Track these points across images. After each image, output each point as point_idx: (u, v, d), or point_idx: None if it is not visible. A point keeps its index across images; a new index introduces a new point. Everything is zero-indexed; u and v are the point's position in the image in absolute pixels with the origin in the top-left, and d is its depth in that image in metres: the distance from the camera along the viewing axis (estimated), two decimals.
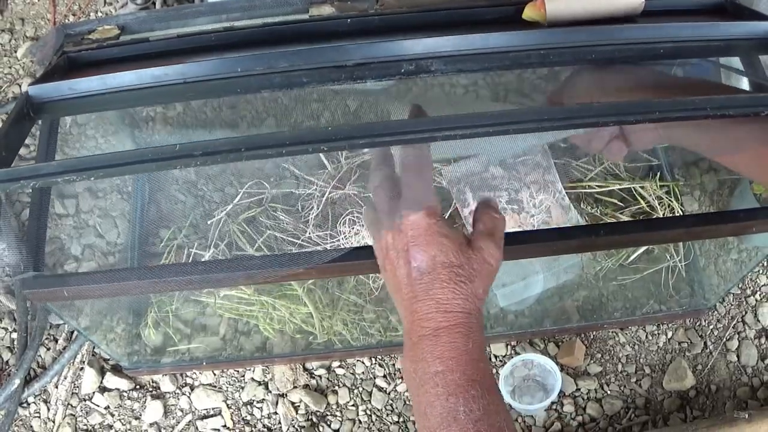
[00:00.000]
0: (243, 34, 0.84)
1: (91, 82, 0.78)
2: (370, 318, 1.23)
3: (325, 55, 0.76)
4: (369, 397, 1.23)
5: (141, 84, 0.77)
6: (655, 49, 0.78)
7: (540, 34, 0.78)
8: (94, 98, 0.78)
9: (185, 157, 0.63)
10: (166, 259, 1.27)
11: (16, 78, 1.55)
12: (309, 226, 1.23)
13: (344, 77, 0.76)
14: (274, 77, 0.76)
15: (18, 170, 0.66)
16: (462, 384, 0.60)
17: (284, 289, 1.21)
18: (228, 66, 0.77)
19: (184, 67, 0.77)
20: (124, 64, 0.83)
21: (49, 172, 0.65)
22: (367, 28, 0.83)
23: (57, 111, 0.79)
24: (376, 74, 0.76)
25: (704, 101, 0.65)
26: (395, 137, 0.64)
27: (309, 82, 0.77)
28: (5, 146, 0.71)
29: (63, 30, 0.90)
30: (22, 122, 0.76)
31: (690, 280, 1.27)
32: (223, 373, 1.25)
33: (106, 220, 1.34)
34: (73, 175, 0.65)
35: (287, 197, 1.29)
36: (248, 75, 0.77)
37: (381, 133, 0.63)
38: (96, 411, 1.23)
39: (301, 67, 0.76)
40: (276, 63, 0.77)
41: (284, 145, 0.63)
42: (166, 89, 0.77)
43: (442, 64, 0.77)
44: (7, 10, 1.65)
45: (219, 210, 1.27)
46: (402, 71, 0.76)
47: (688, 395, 1.23)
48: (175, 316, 1.25)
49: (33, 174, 0.65)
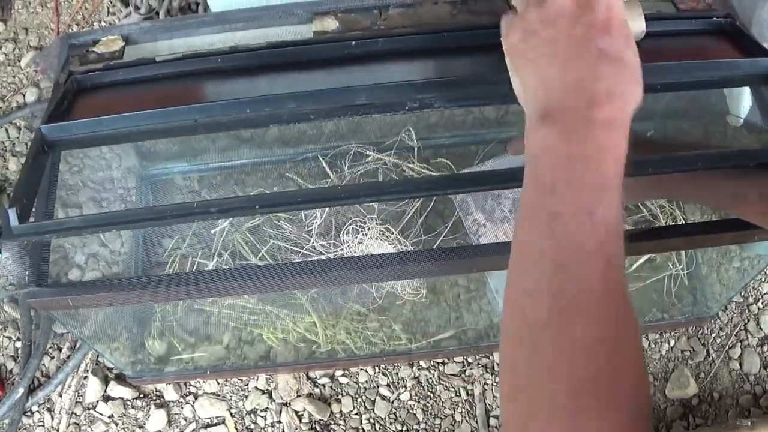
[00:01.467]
0: (249, 56, 0.85)
1: (102, 123, 0.79)
2: (374, 327, 1.23)
3: (331, 98, 0.78)
4: (372, 406, 1.23)
5: (152, 123, 0.79)
6: (653, 86, 0.78)
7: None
8: (106, 134, 0.80)
9: (203, 214, 0.70)
10: (170, 268, 1.27)
11: (19, 87, 1.56)
12: (312, 235, 1.24)
13: (350, 114, 0.79)
14: (282, 116, 0.78)
15: (43, 225, 0.72)
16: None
17: (288, 298, 1.22)
18: (237, 108, 0.78)
19: (194, 108, 0.79)
20: (132, 88, 0.85)
21: (73, 227, 0.72)
22: (372, 52, 0.84)
23: (69, 146, 0.82)
24: (380, 111, 0.78)
25: (694, 156, 0.67)
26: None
27: (316, 118, 0.79)
28: (26, 193, 0.75)
29: (67, 40, 0.90)
30: (39, 160, 0.78)
31: (692, 288, 1.27)
32: (227, 382, 1.25)
33: None
34: (96, 230, 0.72)
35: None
36: (257, 115, 0.79)
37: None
38: (100, 420, 1.23)
39: (310, 108, 0.78)
40: (283, 105, 0.78)
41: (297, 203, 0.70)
42: (177, 127, 0.79)
43: (445, 102, 0.79)
44: (11, 20, 1.66)
45: (222, 219, 1.28)
46: (406, 108, 0.78)
47: (690, 403, 1.23)
48: (178, 325, 1.25)
49: (57, 228, 0.72)
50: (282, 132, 1.34)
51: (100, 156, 1.39)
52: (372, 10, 0.88)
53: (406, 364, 1.25)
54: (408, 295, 1.23)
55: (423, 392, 1.24)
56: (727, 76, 0.79)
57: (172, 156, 1.37)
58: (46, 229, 0.72)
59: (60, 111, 0.82)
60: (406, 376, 1.24)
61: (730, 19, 0.85)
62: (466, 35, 0.84)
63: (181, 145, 1.34)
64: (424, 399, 1.23)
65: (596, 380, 0.49)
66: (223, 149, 1.35)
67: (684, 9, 0.87)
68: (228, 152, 1.36)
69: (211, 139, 1.34)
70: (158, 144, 1.34)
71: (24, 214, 0.72)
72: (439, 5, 0.88)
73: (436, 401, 1.23)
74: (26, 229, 0.71)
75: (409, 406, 1.23)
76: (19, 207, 0.71)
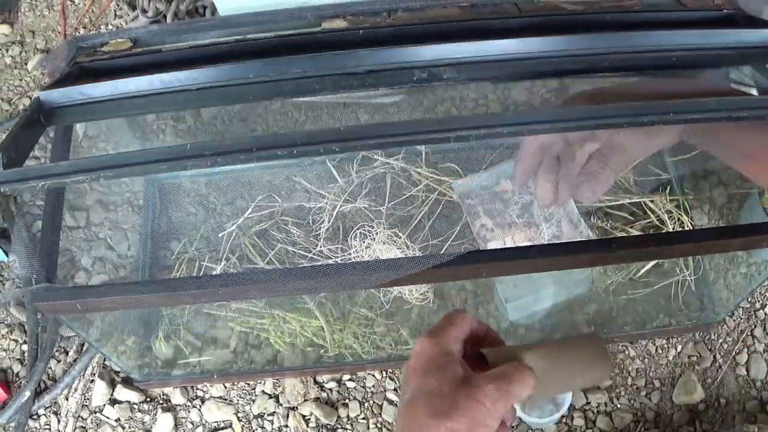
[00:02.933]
0: (255, 44, 0.84)
1: (101, 88, 0.78)
2: (381, 331, 1.23)
3: (336, 62, 0.77)
4: (380, 410, 1.23)
5: (152, 89, 0.78)
6: (668, 58, 0.78)
7: (552, 41, 0.78)
8: (105, 104, 0.78)
9: (197, 157, 0.65)
10: (177, 271, 1.27)
11: (26, 90, 1.56)
12: (320, 239, 1.24)
13: (356, 84, 0.77)
14: (285, 84, 0.77)
15: (29, 170, 0.68)
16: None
17: (295, 303, 1.21)
18: (239, 72, 0.77)
19: (195, 72, 0.78)
20: (136, 72, 0.83)
21: (59, 172, 0.67)
22: (379, 37, 0.83)
23: (67, 117, 0.80)
24: (388, 81, 0.76)
25: (719, 102, 0.65)
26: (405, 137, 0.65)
27: (321, 89, 0.77)
28: (15, 148, 0.71)
29: (75, 43, 0.90)
30: (32, 127, 0.76)
31: (700, 294, 1.27)
32: (234, 386, 1.25)
33: (117, 232, 1.34)
34: (83, 175, 0.66)
35: (298, 210, 1.29)
36: (259, 82, 0.77)
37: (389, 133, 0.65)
38: (106, 423, 1.23)
39: (313, 73, 0.77)
40: (287, 69, 0.77)
41: (295, 145, 0.64)
42: (177, 95, 0.78)
43: (455, 72, 0.77)
44: (18, 23, 1.66)
45: (230, 223, 1.28)
46: (414, 79, 0.76)
47: (697, 409, 1.22)
48: (186, 329, 1.25)
49: (43, 174, 0.67)
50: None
51: None
52: (381, 13, 0.88)
53: None
54: (415, 300, 1.23)
55: None
56: (742, 48, 0.79)
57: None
58: (31, 175, 0.67)
59: (60, 84, 0.80)
60: None
61: (740, 11, 0.85)
62: (476, 23, 0.83)
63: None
64: None
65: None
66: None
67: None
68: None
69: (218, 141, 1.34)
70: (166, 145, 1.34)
71: (11, 163, 0.69)
72: (448, 8, 0.88)
73: None
74: (12, 174, 0.68)
75: None
76: (6, 156, 0.69)
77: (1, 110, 1.53)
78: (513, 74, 0.80)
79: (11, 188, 0.68)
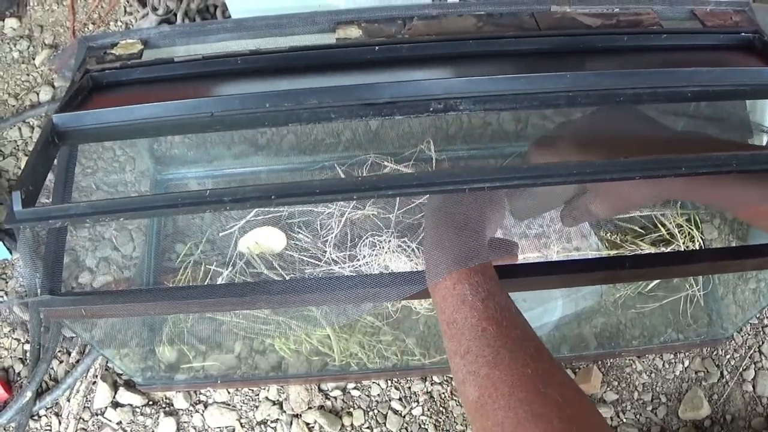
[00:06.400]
0: (269, 58, 0.83)
1: (116, 113, 0.77)
2: (387, 340, 1.23)
3: (354, 94, 0.76)
4: (384, 420, 1.22)
5: (167, 116, 0.77)
6: (683, 93, 0.77)
7: (568, 78, 0.77)
8: (119, 127, 0.77)
9: (216, 203, 0.66)
10: (183, 274, 1.26)
11: (33, 86, 1.55)
12: (329, 246, 1.23)
13: (372, 114, 0.76)
14: (302, 113, 0.76)
15: (48, 210, 0.67)
16: (465, 272, 0.69)
17: (301, 310, 1.21)
18: (256, 102, 0.76)
19: (210, 101, 0.77)
20: (149, 87, 0.82)
21: (79, 213, 0.67)
22: (396, 57, 0.82)
23: (81, 138, 0.78)
24: (404, 112, 0.76)
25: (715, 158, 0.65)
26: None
27: (337, 117, 0.76)
28: (32, 181, 0.70)
29: (85, 42, 0.89)
30: (47, 151, 0.75)
31: (708, 309, 1.27)
32: (237, 392, 1.24)
33: (122, 233, 1.33)
34: (103, 217, 0.66)
35: (306, 215, 1.28)
36: (276, 111, 0.76)
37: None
38: (108, 426, 1.22)
39: (330, 104, 0.76)
40: (304, 100, 0.76)
41: (313, 193, 0.65)
42: (192, 121, 0.77)
43: (470, 104, 0.77)
44: (26, 17, 1.65)
45: (237, 227, 1.27)
46: (431, 109, 0.76)
47: (703, 425, 1.22)
48: (190, 333, 1.24)
49: (63, 214, 0.67)
50: (299, 140, 1.33)
51: (114, 159, 1.38)
52: (396, 21, 0.87)
53: (419, 378, 1.24)
54: (423, 309, 1.22)
55: (435, 407, 1.23)
56: (757, 86, 0.78)
57: (187, 161, 1.35)
58: (50, 215, 0.67)
59: (73, 104, 0.79)
60: (418, 391, 1.24)
61: (758, 35, 0.83)
62: (492, 43, 0.82)
63: (196, 151, 1.34)
64: (437, 414, 1.22)
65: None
66: (238, 156, 1.34)
67: (711, 26, 0.86)
68: (243, 159, 1.35)
69: (226, 145, 1.33)
70: (173, 148, 1.33)
71: (29, 199, 0.68)
72: (464, 17, 0.87)
73: (449, 417, 1.22)
74: (29, 214, 0.67)
75: (421, 421, 1.22)
76: (23, 192, 0.67)
77: (8, 105, 1.52)
78: (528, 106, 0.79)
79: (30, 226, 0.68)
